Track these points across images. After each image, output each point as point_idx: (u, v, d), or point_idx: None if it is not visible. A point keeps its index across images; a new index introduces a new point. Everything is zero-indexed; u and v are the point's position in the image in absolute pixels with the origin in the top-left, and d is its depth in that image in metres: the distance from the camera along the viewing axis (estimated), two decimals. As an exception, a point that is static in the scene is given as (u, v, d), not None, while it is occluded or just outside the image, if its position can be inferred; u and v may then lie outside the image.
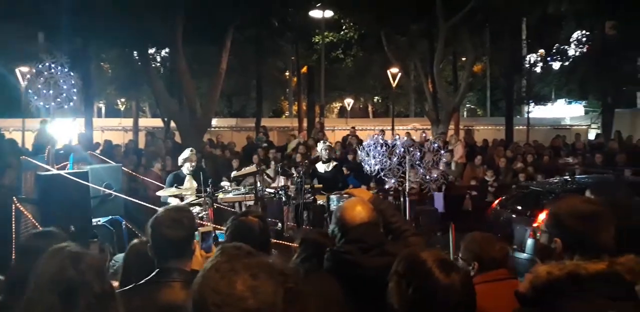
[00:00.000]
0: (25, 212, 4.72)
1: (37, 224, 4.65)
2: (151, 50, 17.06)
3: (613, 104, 17.88)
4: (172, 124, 14.72)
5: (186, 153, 6.59)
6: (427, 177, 6.72)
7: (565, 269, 1.54)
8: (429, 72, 16.25)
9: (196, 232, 2.20)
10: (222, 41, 13.42)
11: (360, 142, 12.78)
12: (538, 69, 20.21)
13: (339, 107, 34.53)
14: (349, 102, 30.03)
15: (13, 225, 4.66)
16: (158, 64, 20.40)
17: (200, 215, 5.53)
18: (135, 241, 2.69)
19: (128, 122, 21.48)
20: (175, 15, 12.37)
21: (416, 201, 9.30)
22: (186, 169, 6.46)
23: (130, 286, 2.03)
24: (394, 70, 18.33)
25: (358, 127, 19.22)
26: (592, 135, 19.20)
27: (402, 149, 6.58)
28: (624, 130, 15.61)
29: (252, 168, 6.93)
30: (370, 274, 1.89)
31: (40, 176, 5.14)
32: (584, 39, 18.50)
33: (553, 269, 1.55)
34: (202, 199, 5.61)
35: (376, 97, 31.28)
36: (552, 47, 18.69)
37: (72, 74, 7.10)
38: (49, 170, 5.33)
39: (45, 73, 6.82)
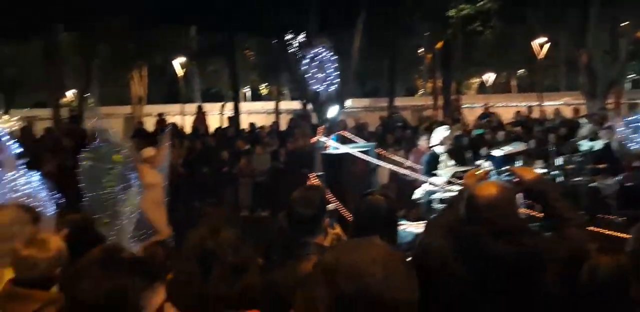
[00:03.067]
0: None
1: (333, 199, 4.86)
2: (288, 37, 17.83)
3: None
4: (310, 106, 15.34)
5: (444, 132, 6.46)
6: None
7: None
8: (581, 41, 14.60)
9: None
10: (354, 23, 13.53)
11: (499, 120, 12.08)
12: None
13: (478, 83, 32.73)
14: (489, 77, 28.28)
15: None
16: (296, 48, 21.29)
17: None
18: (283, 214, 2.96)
19: (270, 105, 22.88)
20: (310, 2, 12.78)
21: None
22: (443, 147, 6.35)
23: (274, 259, 2.26)
24: (540, 40, 16.79)
25: (499, 104, 18.08)
26: None
27: None
28: None
29: (521, 146, 6.72)
30: (496, 263, 1.78)
31: (326, 155, 5.58)
32: None
33: None
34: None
35: (520, 71, 28.99)
36: None
37: (334, 58, 7.39)
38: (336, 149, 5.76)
39: (317, 58, 7.18)
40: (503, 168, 6.06)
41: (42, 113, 18.29)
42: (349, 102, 18.76)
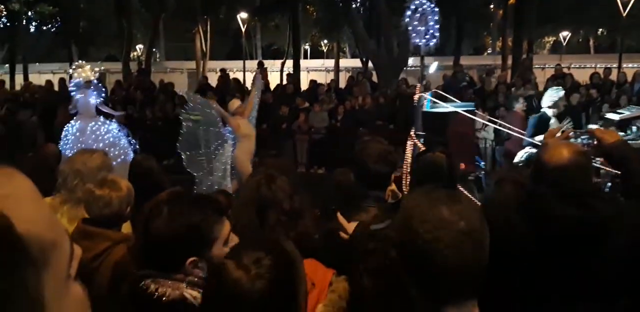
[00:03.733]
0: (420, 146, 5.00)
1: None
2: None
3: None
4: (370, 64, 15.04)
5: (558, 93, 6.15)
6: None
7: None
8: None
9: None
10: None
11: (574, 81, 11.34)
12: None
13: (552, 42, 30.67)
14: (565, 35, 26.37)
15: (408, 157, 4.93)
16: (358, 5, 20.70)
17: None
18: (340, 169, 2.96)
19: (330, 62, 22.62)
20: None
21: None
22: (554, 110, 5.98)
23: (333, 207, 2.28)
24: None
25: (575, 65, 16.95)
26: None
27: None
28: None
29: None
30: (559, 224, 1.72)
31: (428, 113, 5.52)
32: None
33: None
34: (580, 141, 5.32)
35: (600, 29, 26.79)
36: None
37: (436, 10, 6.84)
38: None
39: (420, 9, 6.69)
40: (583, 130, 5.63)
41: (113, 67, 19.04)
42: (411, 61, 18.21)
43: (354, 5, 16.75)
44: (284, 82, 14.91)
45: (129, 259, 1.80)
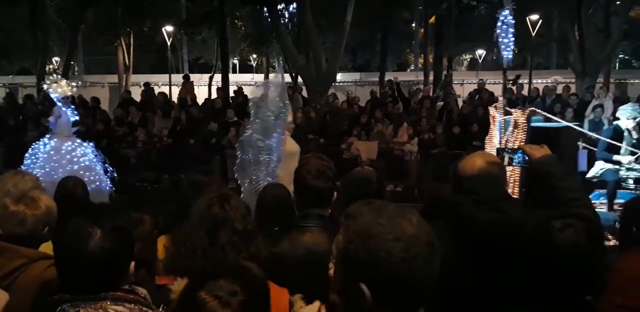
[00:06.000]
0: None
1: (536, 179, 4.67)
2: (280, 6, 17.45)
3: None
4: (300, 79, 15.18)
5: (637, 107, 6.02)
6: None
7: None
8: (575, 19, 14.52)
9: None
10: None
11: (492, 96, 12.06)
12: None
13: (469, 59, 32.59)
14: (480, 53, 28.14)
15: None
16: (286, 20, 20.91)
17: None
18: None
19: (259, 77, 22.58)
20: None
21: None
22: (631, 122, 5.81)
23: (276, 229, 2.23)
24: (534, 17, 16.66)
25: (490, 81, 18.03)
26: None
27: None
28: None
29: None
30: (481, 230, 1.76)
31: (538, 128, 5.38)
32: None
33: None
34: None
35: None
36: None
37: (512, 22, 6.60)
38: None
39: (505, 20, 6.47)
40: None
41: (26, 80, 17.86)
42: (338, 76, 18.59)
43: (282, 21, 16.91)
44: (213, 96, 14.66)
45: (55, 279, 1.68)
